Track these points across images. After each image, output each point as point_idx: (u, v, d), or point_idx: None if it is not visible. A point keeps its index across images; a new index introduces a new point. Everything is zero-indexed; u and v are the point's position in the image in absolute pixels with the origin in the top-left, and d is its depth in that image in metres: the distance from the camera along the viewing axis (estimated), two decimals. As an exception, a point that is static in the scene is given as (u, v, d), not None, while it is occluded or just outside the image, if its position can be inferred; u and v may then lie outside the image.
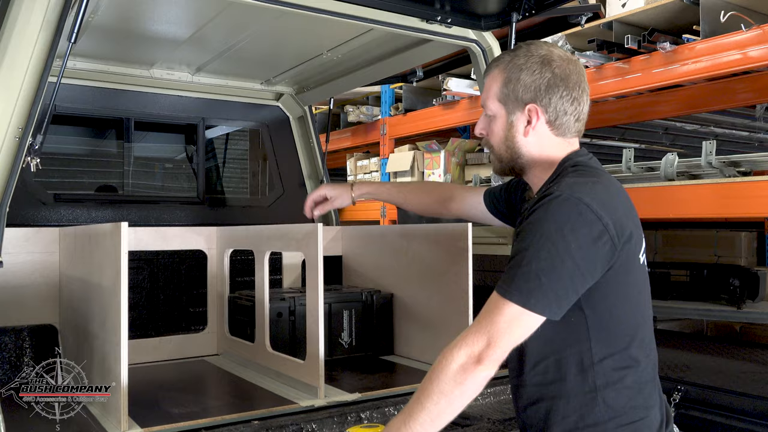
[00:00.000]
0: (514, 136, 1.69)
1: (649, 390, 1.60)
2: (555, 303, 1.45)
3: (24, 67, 1.86)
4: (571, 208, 1.46)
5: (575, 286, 1.47)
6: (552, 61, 1.64)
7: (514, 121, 1.68)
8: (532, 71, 1.63)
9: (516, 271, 1.46)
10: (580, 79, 1.66)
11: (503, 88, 1.68)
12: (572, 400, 1.56)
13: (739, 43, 3.28)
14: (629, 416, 1.55)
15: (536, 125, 1.65)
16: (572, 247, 1.44)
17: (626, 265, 1.53)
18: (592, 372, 1.55)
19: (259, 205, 4.06)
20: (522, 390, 1.65)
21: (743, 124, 6.52)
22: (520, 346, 1.57)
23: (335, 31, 2.95)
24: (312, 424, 1.99)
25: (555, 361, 1.58)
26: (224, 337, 3.02)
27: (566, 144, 1.69)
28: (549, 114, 1.64)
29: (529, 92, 1.64)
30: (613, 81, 3.90)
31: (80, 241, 2.47)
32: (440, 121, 5.43)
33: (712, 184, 3.24)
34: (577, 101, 1.65)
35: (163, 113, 3.64)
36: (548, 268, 1.43)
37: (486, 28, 2.82)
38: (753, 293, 4.17)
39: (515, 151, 1.70)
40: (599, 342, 1.55)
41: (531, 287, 1.44)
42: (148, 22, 2.79)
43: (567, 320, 1.51)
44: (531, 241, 1.47)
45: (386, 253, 3.06)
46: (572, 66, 1.65)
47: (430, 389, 1.46)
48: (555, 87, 1.62)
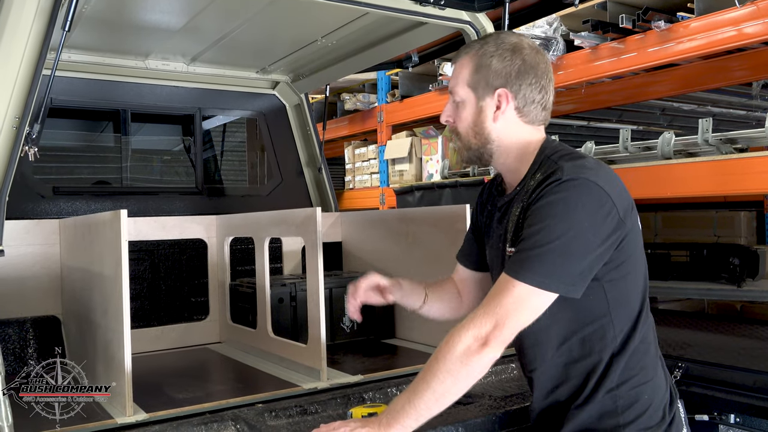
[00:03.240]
0: (482, 121, 1.70)
1: (653, 352, 1.67)
2: (570, 281, 1.48)
3: (19, 56, 1.86)
4: (581, 189, 1.49)
5: (590, 263, 1.50)
6: (522, 49, 1.67)
7: (484, 107, 1.69)
8: (503, 58, 1.66)
9: (529, 254, 1.48)
10: (548, 69, 1.70)
11: (474, 75, 1.69)
12: (594, 374, 1.60)
13: (733, 19, 3.27)
14: (638, 378, 1.60)
15: (505, 110, 1.67)
16: (586, 226, 1.47)
17: (632, 235, 1.58)
18: (613, 344, 1.59)
19: (257, 194, 4.07)
20: (545, 375, 1.67)
21: (740, 103, 6.52)
22: (534, 337, 1.61)
23: (329, 17, 2.94)
24: (315, 406, 2.01)
25: (579, 339, 1.62)
26: (226, 324, 3.03)
27: (535, 131, 1.71)
28: (518, 100, 1.67)
29: (500, 78, 1.66)
30: (608, 61, 3.90)
31: (80, 231, 2.48)
32: (437, 107, 5.42)
33: (709, 161, 3.24)
34: (544, 90, 1.68)
35: (160, 104, 3.64)
36: (562, 247, 1.46)
37: (479, 9, 2.81)
38: (753, 272, 4.18)
39: (484, 137, 1.70)
40: (619, 315, 1.60)
41: (547, 268, 1.46)
42: (141, 11, 2.78)
43: (586, 298, 1.54)
44: (543, 223, 1.49)
45: (385, 238, 3.07)
46: (540, 56, 1.69)
47: (436, 369, 1.49)
48: (525, 74, 1.65)
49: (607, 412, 1.58)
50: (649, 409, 1.59)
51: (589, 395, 1.60)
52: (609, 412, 1.58)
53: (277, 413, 1.95)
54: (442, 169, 5.41)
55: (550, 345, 1.65)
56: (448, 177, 5.29)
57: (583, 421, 1.60)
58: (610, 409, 1.58)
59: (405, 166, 5.72)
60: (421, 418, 1.51)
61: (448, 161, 5.43)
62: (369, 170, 6.18)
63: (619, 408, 1.58)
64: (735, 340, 2.72)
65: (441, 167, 5.42)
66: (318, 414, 1.99)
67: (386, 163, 5.91)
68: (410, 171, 5.69)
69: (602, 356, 1.60)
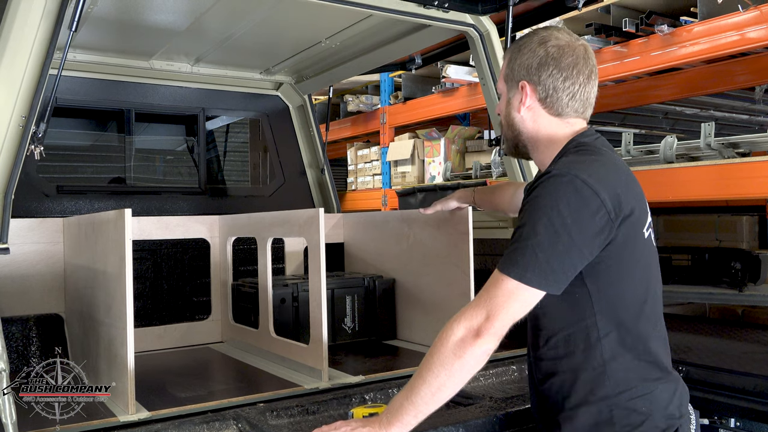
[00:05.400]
0: (510, 112, 1.76)
1: (657, 364, 1.63)
2: (551, 277, 1.48)
3: (26, 56, 1.87)
4: (568, 185, 1.49)
5: (572, 260, 1.49)
6: (548, 41, 1.68)
7: (512, 99, 1.75)
8: (530, 50, 1.69)
9: (515, 247, 1.50)
10: (577, 62, 1.68)
11: (506, 68, 1.76)
12: (582, 374, 1.60)
13: (737, 24, 3.28)
14: (637, 390, 1.58)
15: (528, 102, 1.70)
16: (568, 222, 1.46)
17: (628, 240, 1.55)
18: (599, 346, 1.58)
19: (260, 195, 4.08)
20: (539, 364, 1.69)
21: (743, 107, 6.52)
22: (535, 322, 1.62)
23: (333, 19, 2.96)
24: (317, 406, 2.01)
25: (564, 336, 1.62)
26: (228, 324, 3.04)
27: (566, 124, 1.71)
28: (539, 92, 1.69)
29: (523, 69, 1.70)
30: (612, 65, 3.91)
31: (84, 230, 2.49)
32: (440, 109, 5.44)
33: (712, 165, 3.25)
34: (569, 80, 1.67)
35: (164, 104, 3.66)
36: (545, 243, 1.46)
37: (483, 12, 2.83)
38: (755, 276, 4.17)
39: (513, 128, 1.76)
40: (604, 317, 1.57)
41: (527, 262, 1.47)
42: (146, 12, 2.80)
43: (572, 296, 1.55)
44: (529, 218, 1.51)
45: (388, 239, 3.08)
46: (569, 49, 1.68)
47: (431, 363, 1.50)
48: (545, 65, 1.67)
49: (603, 420, 1.57)
50: (646, 422, 1.56)
51: (583, 398, 1.59)
52: (605, 421, 1.57)
53: (279, 413, 1.95)
54: (444, 171, 5.42)
55: (542, 337, 1.66)
56: (450, 179, 5.30)
57: (580, 426, 1.59)
58: (606, 417, 1.57)
59: (407, 167, 5.74)
60: (420, 415, 1.52)
61: (450, 163, 5.44)
62: (371, 172, 6.20)
63: (615, 417, 1.56)
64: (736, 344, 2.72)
65: (443, 169, 5.43)
66: (319, 414, 2.00)
67: (389, 164, 5.93)
68: (412, 173, 5.71)
69: (587, 357, 1.58)
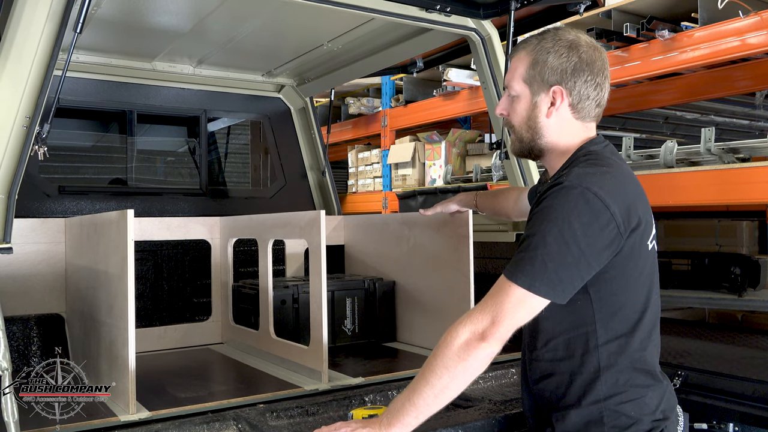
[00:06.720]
0: (536, 116, 1.72)
1: (650, 372, 1.65)
2: (559, 287, 1.50)
3: (31, 57, 1.89)
4: (579, 197, 1.50)
5: (580, 272, 1.51)
6: (579, 46, 1.68)
7: (538, 102, 1.71)
8: (559, 54, 1.67)
9: (523, 255, 1.51)
10: (604, 66, 1.70)
11: (530, 70, 1.71)
12: (578, 378, 1.62)
13: (737, 30, 3.29)
14: (628, 395, 1.61)
15: (559, 107, 1.69)
16: (578, 235, 1.48)
17: (633, 251, 1.57)
18: (597, 353, 1.60)
19: (261, 197, 4.09)
20: (535, 364, 1.71)
21: (743, 113, 6.53)
22: (533, 324, 1.63)
23: (335, 22, 2.97)
24: (317, 407, 2.02)
25: (564, 340, 1.64)
26: (228, 325, 3.05)
27: (584, 129, 1.73)
28: (573, 97, 1.68)
29: (556, 74, 1.67)
30: (613, 69, 3.87)
31: (86, 230, 2.50)
32: (441, 112, 5.45)
33: (712, 170, 3.25)
34: (599, 87, 1.69)
35: (166, 105, 3.67)
36: (554, 253, 1.48)
37: (485, 17, 2.84)
38: (754, 281, 4.18)
39: (536, 132, 1.73)
40: (604, 325, 1.60)
41: (536, 271, 1.48)
42: (149, 14, 2.81)
43: (574, 303, 1.57)
44: (539, 227, 1.52)
45: (388, 242, 3.09)
46: (597, 53, 1.69)
47: (434, 365, 1.51)
48: (581, 71, 1.66)
49: (593, 420, 1.61)
50: (633, 426, 1.60)
51: (576, 400, 1.62)
52: (595, 421, 1.61)
53: (279, 413, 1.96)
54: (444, 174, 5.43)
55: (540, 339, 1.68)
56: (450, 182, 5.31)
57: (572, 425, 1.62)
58: (597, 418, 1.60)
59: (408, 170, 5.75)
60: (421, 416, 1.53)
61: (451, 166, 5.44)
62: (372, 174, 6.21)
63: (605, 418, 1.60)
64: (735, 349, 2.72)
65: (444, 172, 5.44)
66: (319, 415, 2.00)
67: (389, 167, 5.94)
68: (413, 175, 5.72)
69: (585, 361, 1.61)
